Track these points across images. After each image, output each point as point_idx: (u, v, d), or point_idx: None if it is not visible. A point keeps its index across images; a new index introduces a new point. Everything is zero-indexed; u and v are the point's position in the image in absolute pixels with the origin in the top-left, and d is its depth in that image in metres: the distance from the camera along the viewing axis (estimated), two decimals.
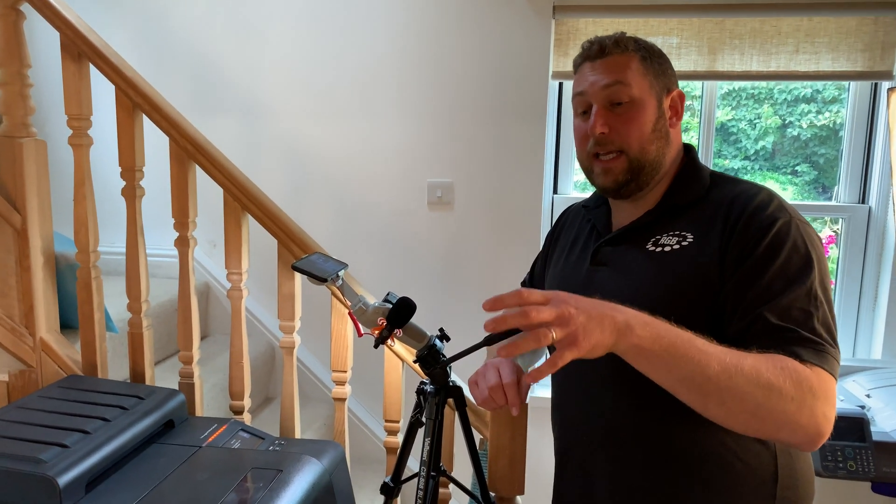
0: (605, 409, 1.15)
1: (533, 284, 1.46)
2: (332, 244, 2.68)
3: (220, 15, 2.63)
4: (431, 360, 1.28)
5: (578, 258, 1.25)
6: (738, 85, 2.65)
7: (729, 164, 2.74)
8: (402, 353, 1.87)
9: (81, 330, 1.88)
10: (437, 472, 1.32)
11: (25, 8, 1.81)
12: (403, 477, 1.44)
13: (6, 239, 1.84)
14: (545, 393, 2.63)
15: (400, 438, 1.94)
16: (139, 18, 2.67)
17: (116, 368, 2.12)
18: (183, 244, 1.87)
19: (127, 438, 1.54)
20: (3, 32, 1.79)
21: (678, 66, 2.40)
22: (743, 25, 2.39)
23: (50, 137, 2.57)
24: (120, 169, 1.85)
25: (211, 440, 1.66)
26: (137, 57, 2.64)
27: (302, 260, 1.33)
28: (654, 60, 1.15)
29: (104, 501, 1.39)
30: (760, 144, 2.71)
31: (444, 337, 1.31)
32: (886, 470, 1.95)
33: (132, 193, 1.85)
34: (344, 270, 1.34)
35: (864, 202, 2.53)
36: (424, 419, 1.32)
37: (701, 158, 2.26)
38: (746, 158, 2.73)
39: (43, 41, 2.68)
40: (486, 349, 1.37)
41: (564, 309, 0.84)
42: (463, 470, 2.28)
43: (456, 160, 2.57)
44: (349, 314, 1.28)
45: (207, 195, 2.31)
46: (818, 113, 2.64)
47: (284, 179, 2.68)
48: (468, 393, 1.67)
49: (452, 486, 1.48)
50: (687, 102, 1.21)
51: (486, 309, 0.89)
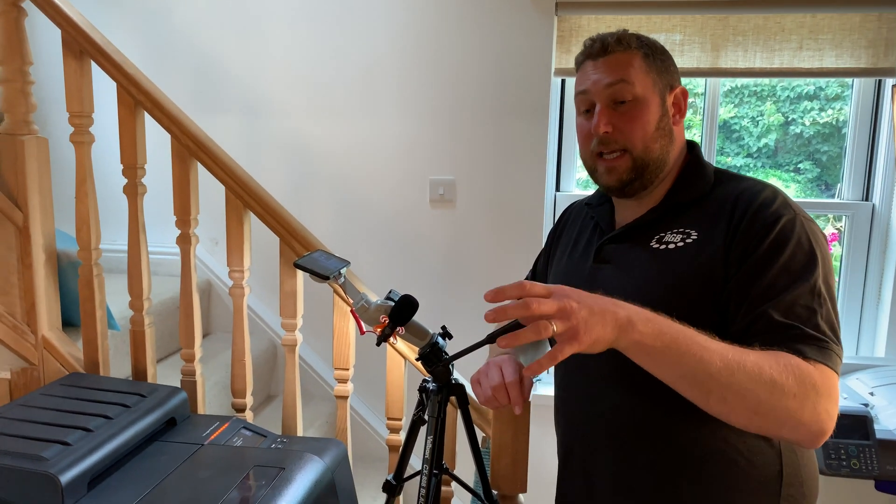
0: (608, 406, 1.15)
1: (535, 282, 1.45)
2: (333, 242, 2.68)
3: (221, 13, 2.62)
4: (434, 357, 1.28)
5: (582, 256, 1.25)
6: (740, 82, 2.64)
7: (731, 161, 2.73)
8: (404, 350, 1.87)
9: (83, 327, 1.88)
10: (439, 470, 1.32)
11: (27, 5, 1.81)
12: (406, 475, 1.44)
13: (8, 236, 1.84)
14: (548, 391, 2.63)
15: (402, 436, 1.94)
16: (140, 16, 2.67)
17: (118, 366, 2.12)
18: (185, 242, 1.87)
19: (129, 436, 1.54)
20: (4, 29, 1.79)
21: (681, 63, 2.39)
22: (746, 22, 2.38)
23: (52, 135, 2.57)
24: (122, 166, 1.85)
25: (213, 438, 1.66)
26: (139, 55, 2.64)
27: (304, 257, 1.33)
28: (656, 58, 1.15)
29: (106, 499, 1.39)
30: (763, 142, 2.71)
31: (446, 335, 1.31)
32: (890, 468, 1.95)
33: (134, 191, 1.85)
34: (346, 268, 1.33)
35: (867, 199, 2.52)
36: (427, 417, 1.32)
37: (704, 156, 2.25)
38: (749, 156, 2.72)
39: (44, 38, 2.68)
40: (488, 347, 1.36)
41: (566, 302, 0.84)
42: (465, 468, 2.28)
43: (458, 157, 2.57)
44: (351, 312, 1.28)
45: (209, 192, 2.31)
46: (821, 110, 2.63)
47: (286, 177, 2.68)
48: (470, 391, 1.67)
49: (455, 484, 1.48)
50: (689, 100, 1.20)
51: (487, 299, 0.89)
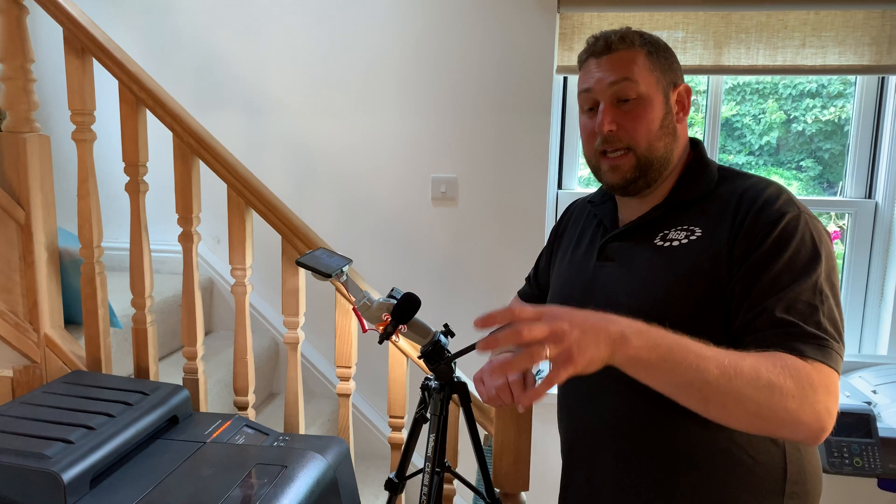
0: (611, 404, 1.14)
1: (538, 280, 1.45)
2: (335, 240, 2.68)
3: (223, 11, 2.62)
4: (436, 355, 1.28)
5: (585, 253, 1.24)
6: (742, 80, 2.63)
7: (733, 159, 2.72)
8: (406, 348, 1.87)
9: (85, 325, 1.88)
10: (441, 468, 1.32)
11: (29, 2, 1.81)
12: (408, 473, 1.44)
13: (10, 234, 1.84)
14: (551, 389, 2.62)
15: (404, 434, 1.93)
16: (142, 14, 2.67)
17: (120, 364, 2.12)
18: (187, 240, 1.87)
19: (131, 434, 1.54)
20: (6, 27, 1.79)
21: (683, 60, 2.39)
22: (749, 19, 2.38)
23: (53, 133, 2.57)
24: (123, 164, 1.85)
25: (215, 436, 1.66)
26: (140, 52, 2.64)
27: (306, 255, 1.33)
28: (660, 55, 1.14)
29: (108, 497, 1.39)
30: (765, 139, 2.70)
31: (448, 333, 1.31)
32: (893, 466, 1.95)
33: (136, 189, 1.85)
34: (348, 266, 1.33)
35: (870, 197, 2.51)
36: (429, 415, 1.32)
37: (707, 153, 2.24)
38: (751, 154, 2.71)
39: (46, 36, 2.67)
40: None
41: (557, 325, 0.83)
42: (468, 466, 2.28)
43: (460, 155, 2.57)
44: (353, 310, 1.28)
45: (211, 191, 2.31)
46: (823, 108, 2.62)
47: (288, 175, 2.67)
48: (473, 389, 1.67)
49: (457, 482, 1.48)
50: (692, 97, 1.20)
51: (477, 326, 0.88)
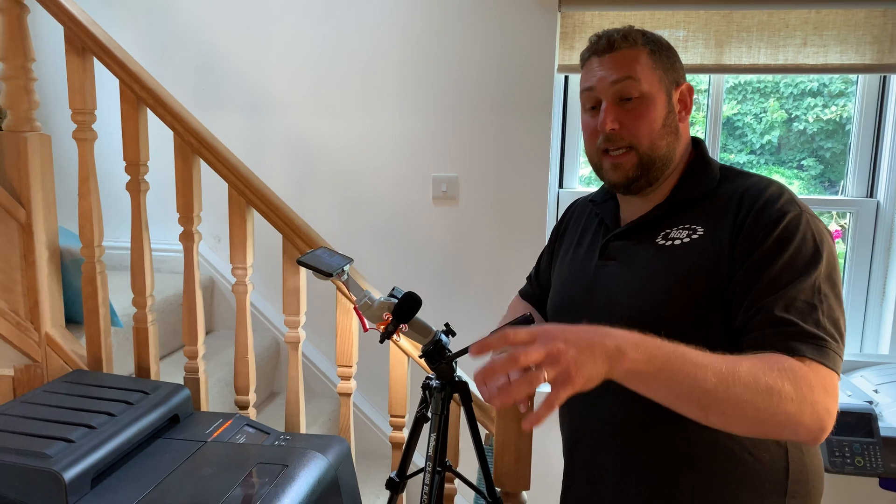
0: (612, 404, 1.14)
1: (539, 279, 1.45)
2: (336, 239, 2.68)
3: (224, 10, 2.62)
4: (437, 355, 1.28)
5: (587, 253, 1.24)
6: (743, 78, 2.63)
7: (734, 158, 2.72)
8: (407, 348, 1.87)
9: (86, 325, 1.88)
10: (442, 467, 1.32)
11: (29, 1, 1.80)
12: (409, 472, 1.44)
13: (11, 234, 1.84)
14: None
15: (405, 434, 1.93)
16: (143, 13, 2.67)
17: (121, 363, 2.12)
18: (188, 239, 1.87)
19: (132, 433, 1.54)
20: (6, 26, 1.79)
21: (685, 59, 2.39)
22: (750, 18, 2.37)
23: (54, 132, 2.57)
24: (124, 163, 1.84)
25: (216, 435, 1.66)
26: (141, 52, 2.64)
27: (307, 254, 1.33)
28: (662, 54, 1.14)
29: (109, 496, 1.39)
30: (766, 138, 2.69)
31: (449, 332, 1.31)
32: (894, 466, 1.94)
33: (137, 188, 1.85)
34: (349, 265, 1.33)
35: (872, 196, 2.51)
36: (430, 414, 1.31)
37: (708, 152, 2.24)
38: (752, 152, 2.71)
39: (47, 35, 2.67)
40: None
41: (553, 346, 0.82)
42: (469, 465, 2.28)
43: (461, 154, 2.56)
44: (354, 309, 1.28)
45: (212, 190, 2.31)
46: (824, 107, 2.62)
47: (289, 173, 2.67)
48: (474, 388, 1.67)
49: (458, 481, 1.48)
50: (693, 96, 1.20)
51: (472, 355, 0.87)
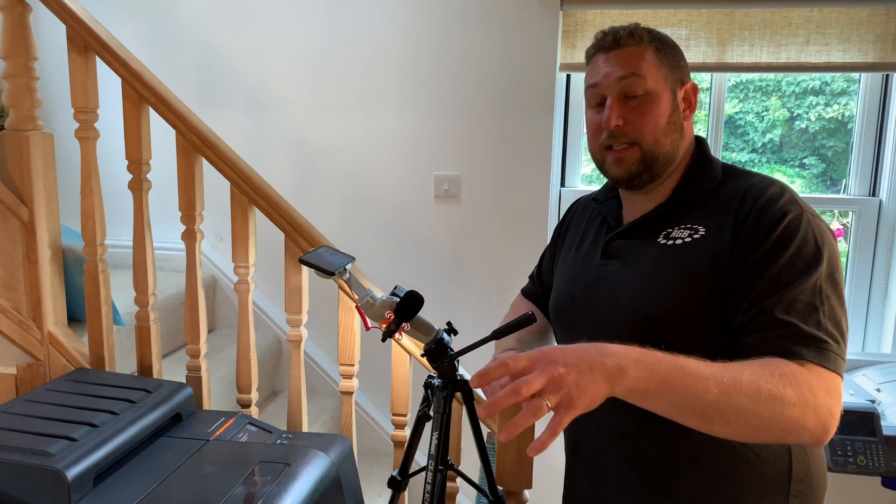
0: (615, 402, 1.14)
1: (541, 278, 1.45)
2: (338, 237, 2.68)
3: (225, 9, 2.62)
4: (439, 353, 1.28)
5: (589, 251, 1.24)
6: (745, 77, 2.63)
7: (736, 156, 2.71)
8: (409, 346, 1.87)
9: (89, 323, 1.88)
10: (444, 465, 1.32)
11: (31, 0, 1.80)
12: (411, 471, 1.44)
13: (14, 232, 1.84)
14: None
15: (407, 432, 1.94)
16: (145, 12, 2.67)
17: (124, 362, 2.13)
18: (190, 237, 1.87)
19: (135, 432, 1.54)
20: (9, 25, 1.79)
21: (687, 57, 2.37)
22: (753, 16, 2.37)
23: (56, 130, 2.57)
24: (127, 162, 1.85)
25: (218, 434, 1.66)
26: (143, 51, 2.64)
27: (309, 253, 1.33)
28: (668, 52, 1.14)
29: (112, 495, 1.39)
30: (768, 137, 2.69)
31: (451, 331, 1.31)
32: None
33: (139, 186, 1.85)
34: (351, 264, 1.33)
35: (874, 195, 2.50)
36: (432, 413, 1.31)
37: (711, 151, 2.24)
38: (754, 151, 2.71)
39: (49, 34, 2.67)
40: (494, 342, 1.36)
41: (553, 371, 0.82)
42: (471, 464, 2.28)
43: (463, 153, 2.56)
44: (356, 308, 1.28)
45: (214, 188, 2.31)
46: (826, 105, 2.61)
47: (291, 172, 2.67)
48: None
49: (460, 479, 1.48)
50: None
51: (473, 386, 0.87)
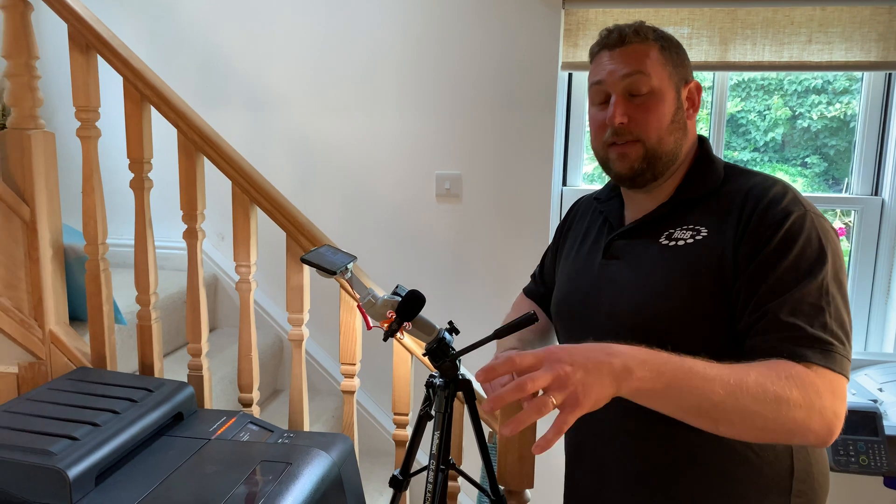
0: (616, 401, 1.14)
1: (543, 277, 1.45)
2: (340, 236, 2.68)
3: (226, 8, 2.62)
4: (441, 353, 1.28)
5: (591, 251, 1.24)
6: (747, 76, 2.62)
7: (738, 155, 2.71)
8: (411, 346, 1.87)
9: (90, 322, 1.88)
10: (446, 465, 1.32)
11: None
12: (413, 470, 1.44)
13: (15, 231, 1.84)
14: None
15: (409, 432, 1.93)
16: (147, 12, 2.67)
17: (125, 361, 2.13)
18: (191, 236, 1.87)
19: (136, 431, 1.54)
20: (10, 24, 1.79)
21: (689, 56, 2.38)
22: (755, 15, 2.36)
23: (58, 129, 2.57)
24: (128, 161, 1.85)
25: (220, 433, 1.66)
26: (145, 50, 2.64)
27: (311, 252, 1.33)
28: (672, 51, 1.14)
29: (113, 494, 1.39)
30: (770, 136, 2.68)
31: (453, 330, 1.30)
32: None
33: (140, 185, 1.85)
34: (353, 263, 1.33)
35: (876, 194, 2.50)
36: (434, 412, 1.31)
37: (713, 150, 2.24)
38: (756, 150, 2.70)
39: (51, 32, 2.68)
40: (495, 342, 1.36)
41: (559, 369, 0.82)
42: (472, 463, 2.29)
43: (464, 152, 2.56)
44: (358, 307, 1.28)
45: (216, 187, 2.31)
46: (829, 104, 2.61)
47: (292, 171, 2.67)
48: (478, 386, 1.67)
49: (462, 479, 1.48)
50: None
51: (479, 381, 0.87)
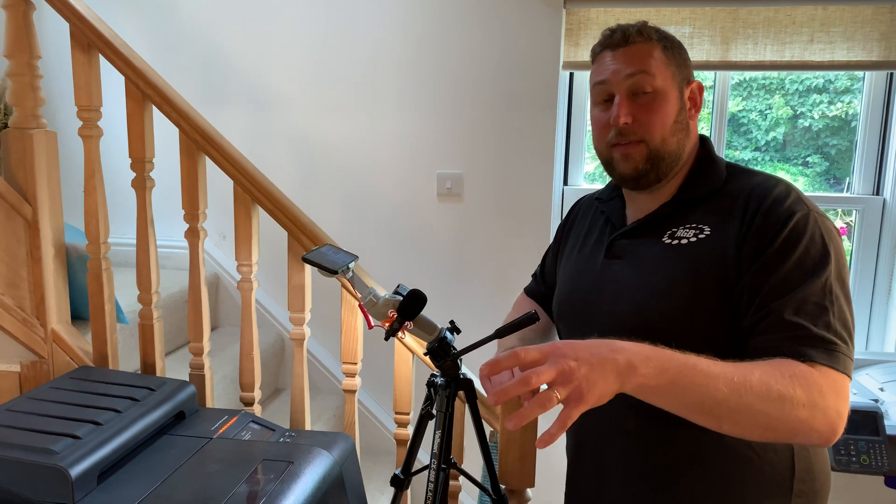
0: (618, 401, 1.14)
1: (544, 276, 1.45)
2: (341, 236, 2.68)
3: (227, 7, 2.62)
4: (442, 352, 1.28)
5: (592, 251, 1.24)
6: (748, 75, 2.62)
7: (739, 155, 2.71)
8: (412, 345, 1.87)
9: (92, 321, 1.89)
10: (447, 464, 1.32)
11: None
12: (414, 469, 1.44)
13: (17, 230, 1.84)
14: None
15: (410, 430, 1.94)
16: (148, 11, 2.67)
17: (127, 360, 2.13)
18: (193, 236, 1.87)
19: (138, 430, 1.55)
20: (12, 23, 1.79)
21: (690, 55, 2.37)
22: (756, 14, 2.36)
23: (60, 129, 2.58)
24: (130, 160, 1.85)
25: (221, 432, 1.66)
26: (146, 49, 2.64)
27: (312, 252, 1.33)
28: (675, 51, 1.14)
29: (115, 493, 1.40)
30: (771, 135, 2.68)
31: (454, 329, 1.31)
32: None
33: (142, 185, 1.85)
34: (354, 262, 1.33)
35: (878, 194, 2.50)
36: (435, 411, 1.31)
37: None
38: (757, 149, 2.70)
39: (52, 32, 2.68)
40: (496, 341, 1.36)
41: (564, 364, 0.82)
42: (473, 462, 2.29)
43: (465, 151, 2.56)
44: (359, 306, 1.28)
45: (217, 187, 2.31)
46: (830, 103, 2.61)
47: (294, 171, 2.67)
48: (479, 385, 1.67)
49: (463, 478, 1.48)
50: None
51: (483, 374, 0.87)
